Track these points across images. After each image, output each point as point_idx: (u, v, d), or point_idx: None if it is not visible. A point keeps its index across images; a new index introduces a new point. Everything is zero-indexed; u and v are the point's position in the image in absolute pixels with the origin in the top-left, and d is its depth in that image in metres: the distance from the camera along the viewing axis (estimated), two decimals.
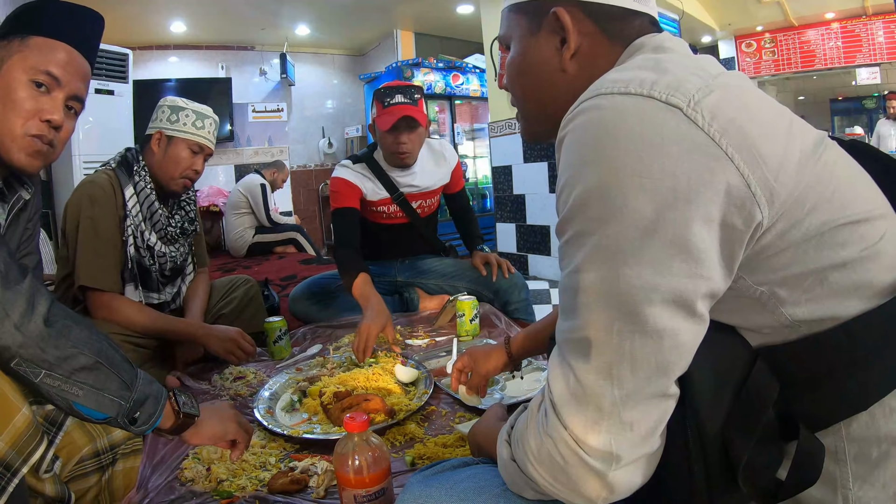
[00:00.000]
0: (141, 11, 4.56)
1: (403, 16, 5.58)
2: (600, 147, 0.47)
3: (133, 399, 0.71)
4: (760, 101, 0.50)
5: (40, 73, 0.84)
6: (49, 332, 0.65)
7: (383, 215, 1.99)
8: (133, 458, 0.93)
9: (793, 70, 7.13)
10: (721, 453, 0.48)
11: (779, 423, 0.49)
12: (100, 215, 1.39)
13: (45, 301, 0.66)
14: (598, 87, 0.50)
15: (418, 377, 1.34)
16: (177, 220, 1.58)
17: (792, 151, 0.47)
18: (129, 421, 0.71)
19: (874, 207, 0.50)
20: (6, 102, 0.82)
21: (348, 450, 0.74)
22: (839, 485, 0.48)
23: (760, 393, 0.48)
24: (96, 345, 0.69)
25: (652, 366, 0.46)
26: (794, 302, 0.48)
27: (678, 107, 0.46)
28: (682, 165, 0.45)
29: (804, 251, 0.47)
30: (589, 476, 0.47)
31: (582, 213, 0.48)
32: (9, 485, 0.67)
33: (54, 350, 0.65)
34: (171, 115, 1.50)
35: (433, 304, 2.01)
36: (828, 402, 0.48)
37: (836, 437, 0.48)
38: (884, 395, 0.47)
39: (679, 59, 0.53)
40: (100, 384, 0.68)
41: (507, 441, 0.57)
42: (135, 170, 1.48)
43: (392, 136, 1.80)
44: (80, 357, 0.67)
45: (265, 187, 3.96)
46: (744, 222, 0.46)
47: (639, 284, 0.45)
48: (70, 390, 0.66)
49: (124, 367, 0.71)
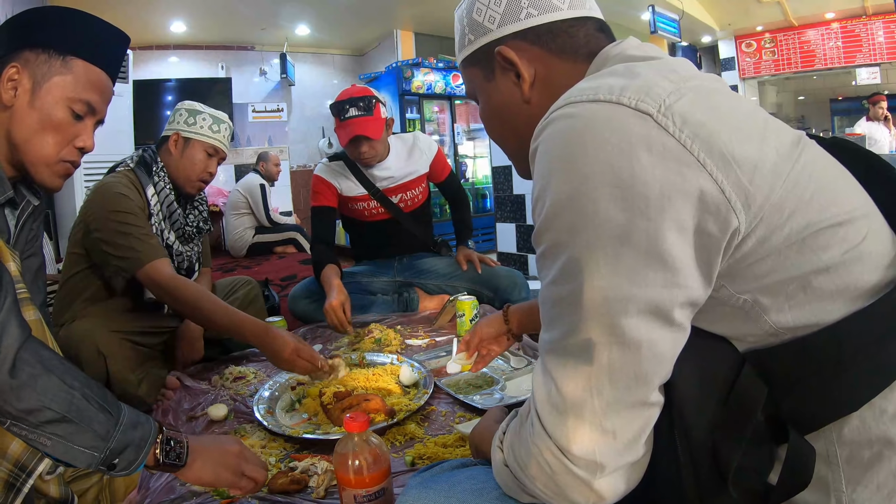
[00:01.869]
0: (141, 11, 4.57)
1: (403, 16, 5.59)
2: (570, 156, 0.47)
3: (109, 449, 0.65)
4: (733, 103, 0.50)
5: (80, 102, 0.85)
6: (12, 383, 0.59)
7: (365, 213, 2.05)
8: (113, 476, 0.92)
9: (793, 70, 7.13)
10: (710, 458, 0.48)
11: (768, 427, 0.48)
12: (133, 208, 1.39)
13: (11, 348, 0.60)
14: (569, 96, 0.50)
15: (419, 378, 1.34)
16: (192, 220, 1.61)
17: (767, 153, 0.47)
18: (107, 468, 0.66)
19: (855, 207, 0.49)
20: (45, 125, 0.82)
21: (348, 450, 0.74)
22: (832, 488, 0.47)
23: (748, 397, 0.48)
24: (65, 396, 0.62)
25: (630, 376, 0.46)
26: (778, 309, 0.47)
27: (648, 113, 0.46)
28: (653, 172, 0.44)
29: (786, 257, 0.47)
30: (575, 484, 0.47)
31: (555, 223, 0.48)
32: (24, 486, 0.68)
33: (17, 402, 0.59)
34: (188, 117, 1.53)
35: (433, 304, 2.01)
36: (816, 404, 0.47)
37: (826, 440, 0.48)
38: (872, 396, 0.47)
39: (651, 63, 0.53)
40: (69, 437, 0.62)
41: (500, 446, 0.57)
42: (154, 170, 1.49)
43: (351, 148, 1.90)
44: (45, 411, 0.61)
45: (265, 187, 3.97)
46: (719, 229, 0.45)
47: (613, 296, 0.45)
48: (38, 440, 0.62)
49: (98, 418, 0.64)
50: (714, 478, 0.48)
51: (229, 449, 0.79)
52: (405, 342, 1.66)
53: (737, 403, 0.48)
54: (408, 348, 1.62)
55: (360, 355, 1.48)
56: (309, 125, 6.22)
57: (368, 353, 1.50)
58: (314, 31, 5.78)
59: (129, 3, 4.34)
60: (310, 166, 6.18)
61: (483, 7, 0.66)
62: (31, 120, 0.81)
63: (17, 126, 0.80)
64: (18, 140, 0.81)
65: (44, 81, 0.82)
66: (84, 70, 0.85)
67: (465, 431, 1.02)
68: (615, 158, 0.45)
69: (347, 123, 1.84)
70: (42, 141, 0.82)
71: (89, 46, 0.86)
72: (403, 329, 1.78)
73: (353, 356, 1.48)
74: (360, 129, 1.82)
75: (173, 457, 0.71)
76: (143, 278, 1.34)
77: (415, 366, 1.37)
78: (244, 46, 5.86)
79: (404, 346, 1.63)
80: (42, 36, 0.82)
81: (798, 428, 0.48)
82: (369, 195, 2.01)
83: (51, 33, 0.83)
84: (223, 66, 5.71)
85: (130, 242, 1.34)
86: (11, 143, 0.80)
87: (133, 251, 1.33)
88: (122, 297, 1.50)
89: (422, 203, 2.12)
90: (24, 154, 0.81)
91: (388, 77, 5.47)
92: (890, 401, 0.47)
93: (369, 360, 1.46)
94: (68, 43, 0.84)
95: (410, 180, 2.04)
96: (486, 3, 0.66)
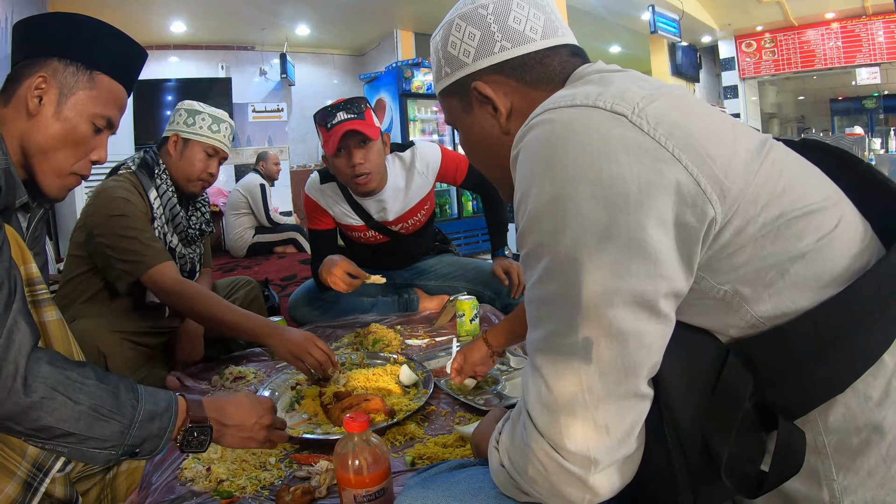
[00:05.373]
0: (141, 11, 4.58)
1: (403, 16, 5.59)
2: (550, 158, 0.48)
3: (126, 445, 0.67)
4: (703, 108, 0.53)
5: (102, 118, 0.86)
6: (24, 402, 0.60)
7: (361, 239, 1.88)
8: (139, 460, 0.93)
9: (793, 70, 7.14)
10: (702, 449, 0.49)
11: (757, 415, 0.49)
12: (136, 213, 1.39)
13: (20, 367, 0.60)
14: (547, 103, 0.52)
15: (419, 378, 1.34)
16: (195, 222, 1.60)
17: (738, 151, 0.49)
18: (129, 457, 0.69)
19: (826, 197, 0.51)
20: (68, 137, 0.82)
21: (348, 450, 0.74)
22: (823, 476, 0.48)
23: (734, 387, 0.49)
24: (72, 415, 0.63)
25: (620, 368, 0.47)
26: (758, 299, 0.49)
27: (623, 114, 0.48)
28: (630, 170, 0.46)
29: (762, 246, 0.48)
30: (570, 481, 0.48)
31: (538, 224, 0.49)
32: (41, 485, 0.70)
33: (27, 423, 0.61)
34: (187, 118, 1.52)
35: (433, 305, 2.01)
36: (801, 390, 0.48)
37: (814, 430, 0.48)
38: (854, 380, 0.48)
39: (623, 74, 0.55)
40: (83, 443, 0.65)
41: (496, 447, 0.57)
42: (156, 173, 1.48)
43: (343, 160, 1.61)
44: (55, 429, 0.62)
45: (265, 187, 3.97)
46: (697, 219, 0.47)
47: (598, 289, 0.46)
48: (55, 449, 0.65)
49: (110, 427, 0.66)
50: (706, 468, 0.49)
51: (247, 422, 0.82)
52: (405, 342, 1.66)
53: (724, 394, 0.49)
54: (408, 348, 1.62)
55: (360, 355, 1.48)
56: (309, 125, 6.21)
57: (368, 354, 1.50)
58: (314, 31, 5.79)
59: (129, 3, 4.35)
60: (310, 166, 6.18)
61: (457, 41, 0.67)
62: (54, 130, 0.81)
63: (38, 135, 0.80)
64: (35, 149, 0.80)
65: (70, 94, 0.82)
66: (108, 86, 0.86)
67: (465, 432, 1.02)
68: (594, 159, 0.47)
69: (336, 129, 1.57)
70: (61, 152, 0.82)
71: (115, 64, 0.87)
72: (403, 329, 1.78)
73: (353, 356, 1.48)
74: (350, 125, 1.56)
75: (195, 444, 0.75)
76: (148, 282, 1.34)
77: (414, 366, 1.37)
78: (244, 46, 5.86)
79: (404, 346, 1.63)
80: (72, 48, 0.83)
81: (786, 414, 0.49)
82: (366, 226, 1.83)
83: (81, 47, 0.84)
84: (223, 66, 5.72)
85: (135, 247, 1.33)
86: (26, 149, 0.80)
87: (138, 255, 1.33)
88: (123, 299, 1.50)
89: (425, 223, 1.95)
90: (38, 163, 0.81)
91: (388, 77, 5.47)
92: (874, 387, 0.48)
93: (369, 361, 1.46)
94: (96, 58, 0.85)
95: (413, 207, 1.84)
96: (460, 36, 0.67)
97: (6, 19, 2.70)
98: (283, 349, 1.22)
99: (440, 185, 2.08)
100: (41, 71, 0.80)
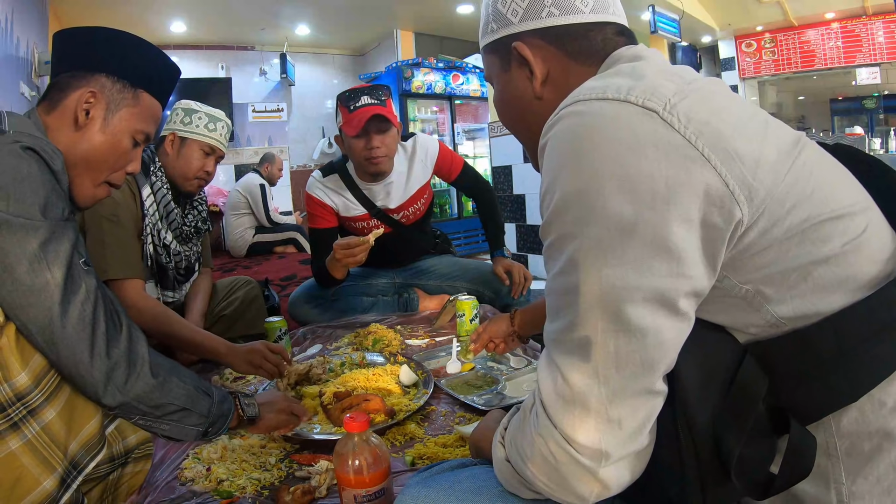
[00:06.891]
0: (141, 11, 4.57)
1: (403, 16, 5.59)
2: (579, 151, 0.48)
3: (209, 423, 0.83)
4: (735, 104, 0.52)
5: (142, 133, 0.91)
6: (155, 384, 0.75)
7: (364, 231, 1.91)
8: (144, 462, 0.93)
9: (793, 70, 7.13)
10: (713, 448, 0.49)
11: (770, 417, 0.49)
12: (122, 214, 1.39)
13: (144, 355, 0.75)
14: (577, 94, 0.52)
15: (419, 378, 1.34)
16: (191, 220, 1.61)
17: (768, 151, 0.48)
18: (202, 436, 0.83)
19: (855, 202, 0.51)
20: (111, 151, 0.86)
21: (348, 450, 0.74)
22: (832, 480, 0.48)
23: (750, 388, 0.49)
24: (184, 392, 0.79)
25: (637, 363, 0.47)
26: (780, 300, 0.49)
27: (654, 110, 0.47)
28: (659, 167, 0.46)
29: (787, 248, 0.48)
30: (580, 473, 0.48)
31: (563, 216, 0.49)
32: (74, 482, 0.73)
33: (150, 402, 0.75)
34: (184, 117, 1.54)
35: (433, 304, 2.01)
36: (817, 395, 0.48)
37: (826, 433, 0.48)
38: (871, 387, 0.47)
39: (655, 67, 0.54)
40: (183, 421, 0.80)
41: (501, 442, 0.57)
42: (151, 170, 1.50)
43: (363, 142, 1.71)
44: (170, 406, 0.77)
45: (264, 187, 3.96)
46: (724, 220, 0.47)
47: (620, 285, 0.46)
48: (159, 427, 0.78)
49: (204, 401, 0.82)
50: (717, 468, 0.49)
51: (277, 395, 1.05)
52: (405, 342, 1.66)
53: (738, 394, 0.49)
54: (408, 348, 1.62)
55: (360, 355, 1.48)
56: (309, 125, 6.22)
57: (368, 353, 1.50)
58: (314, 31, 5.78)
59: (129, 3, 4.35)
60: (310, 166, 6.18)
61: None
62: (99, 143, 0.85)
63: (84, 146, 0.83)
64: (79, 158, 0.83)
65: (116, 110, 0.87)
66: (149, 103, 0.91)
67: (466, 432, 1.02)
68: (623, 154, 0.46)
69: (361, 111, 1.66)
70: (102, 165, 0.86)
71: (157, 83, 0.93)
72: (403, 329, 1.78)
73: (353, 356, 1.48)
74: (375, 110, 1.65)
75: (252, 413, 0.93)
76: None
77: (414, 366, 1.37)
78: (244, 46, 5.86)
79: (404, 346, 1.63)
80: (120, 66, 0.87)
81: (799, 418, 0.48)
82: (369, 214, 1.89)
83: (128, 66, 0.88)
84: (223, 66, 5.72)
85: (104, 252, 1.34)
86: (67, 158, 0.81)
87: (103, 261, 1.33)
88: None
89: (424, 214, 2.03)
90: (78, 172, 0.83)
91: (388, 77, 5.47)
92: (889, 393, 0.47)
93: (369, 360, 1.46)
94: (141, 78, 0.89)
95: (413, 195, 1.93)
96: None
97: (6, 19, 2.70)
98: (242, 363, 1.27)
99: (441, 185, 2.10)
100: (91, 86, 0.84)
